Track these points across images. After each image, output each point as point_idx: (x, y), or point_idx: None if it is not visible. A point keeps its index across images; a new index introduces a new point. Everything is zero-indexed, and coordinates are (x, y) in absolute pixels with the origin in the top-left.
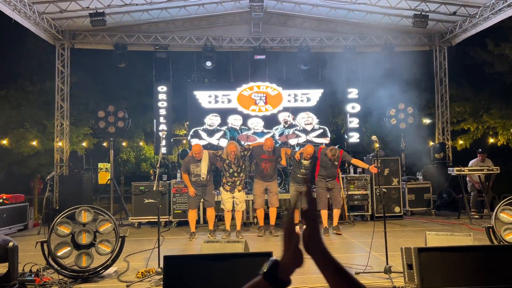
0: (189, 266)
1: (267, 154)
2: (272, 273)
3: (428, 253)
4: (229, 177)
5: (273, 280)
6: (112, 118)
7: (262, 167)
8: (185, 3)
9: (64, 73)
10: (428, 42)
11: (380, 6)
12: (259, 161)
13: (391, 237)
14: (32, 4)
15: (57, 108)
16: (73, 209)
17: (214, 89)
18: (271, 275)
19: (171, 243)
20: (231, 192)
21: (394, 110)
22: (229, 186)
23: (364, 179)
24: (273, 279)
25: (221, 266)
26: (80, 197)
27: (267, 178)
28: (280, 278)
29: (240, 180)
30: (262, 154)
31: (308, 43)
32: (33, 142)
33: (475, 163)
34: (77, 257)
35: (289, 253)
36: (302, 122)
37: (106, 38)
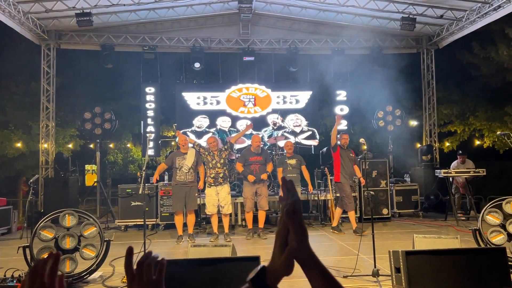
0: (175, 270)
1: (255, 155)
2: (259, 280)
3: (415, 256)
4: (212, 168)
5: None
6: (99, 119)
7: (252, 169)
8: (173, 4)
9: (49, 73)
10: (416, 45)
11: (368, 8)
12: (248, 163)
13: (379, 240)
14: (16, 4)
15: (43, 109)
16: (57, 213)
17: (202, 91)
18: (259, 281)
19: (158, 247)
20: (215, 185)
21: (382, 112)
22: (212, 179)
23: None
24: (261, 285)
25: (208, 270)
26: (66, 199)
27: (257, 180)
28: (268, 285)
29: (223, 173)
30: (251, 156)
31: (297, 45)
32: (18, 144)
33: (455, 165)
34: (61, 262)
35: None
36: (291, 124)
37: (93, 39)
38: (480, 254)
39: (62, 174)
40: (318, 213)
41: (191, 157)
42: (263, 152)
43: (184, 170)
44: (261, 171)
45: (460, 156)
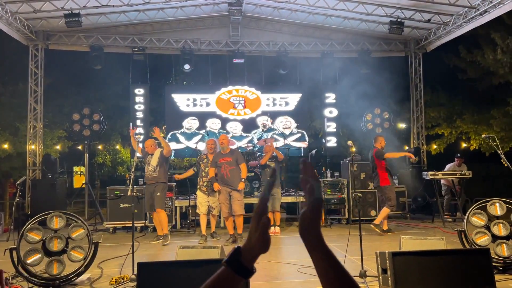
0: (163, 272)
1: (224, 156)
2: (235, 259)
3: (402, 257)
4: (205, 176)
5: (236, 267)
6: (87, 121)
7: (222, 172)
8: (163, 6)
9: (37, 74)
10: (404, 48)
11: (357, 12)
12: (218, 166)
13: (367, 241)
14: (4, 4)
15: (30, 110)
16: (45, 215)
17: (192, 92)
18: (234, 261)
19: (146, 249)
20: (208, 194)
21: (370, 115)
22: (206, 187)
23: (341, 183)
24: (237, 265)
25: (197, 272)
26: (53, 201)
27: (228, 184)
28: (244, 265)
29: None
30: (220, 158)
31: (286, 48)
32: (5, 145)
33: (452, 167)
34: (48, 264)
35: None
36: (280, 126)
37: (82, 40)
38: (465, 255)
39: (50, 175)
40: None
41: (156, 155)
42: (233, 153)
43: (150, 169)
44: (232, 173)
45: (458, 158)
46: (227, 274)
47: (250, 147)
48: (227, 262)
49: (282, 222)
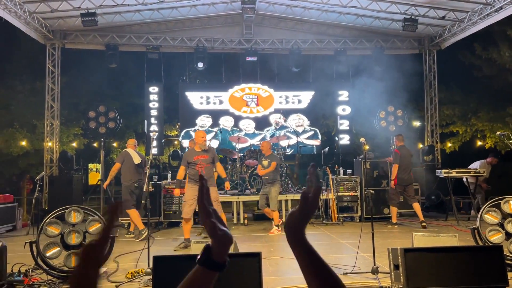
0: (178, 266)
1: (200, 154)
2: (206, 257)
3: (414, 254)
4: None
5: (208, 263)
6: (103, 118)
7: (197, 169)
8: (177, 4)
9: (54, 73)
10: (418, 46)
11: (371, 9)
12: (192, 163)
13: (379, 238)
14: (22, 4)
15: (47, 108)
16: (63, 209)
17: (205, 90)
18: (206, 259)
19: (161, 244)
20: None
21: (384, 112)
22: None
23: (354, 180)
24: (208, 262)
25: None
26: (70, 197)
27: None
28: (215, 260)
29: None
30: (195, 155)
31: (299, 45)
32: (23, 142)
33: (480, 164)
34: (67, 257)
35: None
36: (293, 123)
37: (98, 38)
38: (477, 252)
39: (67, 172)
40: (319, 212)
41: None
42: (210, 151)
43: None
44: (207, 170)
45: (492, 157)
46: (202, 271)
47: None
48: (199, 261)
49: None
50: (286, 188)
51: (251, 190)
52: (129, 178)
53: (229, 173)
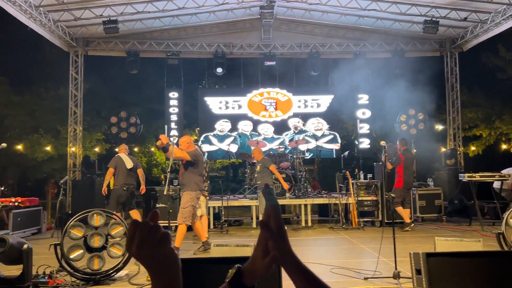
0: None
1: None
2: (237, 280)
3: (436, 258)
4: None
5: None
6: (124, 123)
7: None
8: (196, 11)
9: (77, 79)
10: (439, 48)
11: (390, 12)
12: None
13: (401, 243)
14: (47, 13)
15: (71, 114)
16: (86, 213)
17: (224, 95)
18: (236, 282)
19: (181, 247)
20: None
21: (404, 116)
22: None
23: (374, 185)
24: (238, 285)
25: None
26: (92, 201)
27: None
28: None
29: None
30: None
31: (318, 49)
32: (47, 148)
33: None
34: (89, 259)
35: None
36: (312, 127)
37: (119, 45)
38: (503, 257)
39: (89, 176)
40: (339, 217)
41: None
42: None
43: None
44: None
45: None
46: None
47: (281, 148)
48: (230, 282)
49: (314, 224)
50: (305, 193)
51: None
52: (121, 182)
53: (248, 177)
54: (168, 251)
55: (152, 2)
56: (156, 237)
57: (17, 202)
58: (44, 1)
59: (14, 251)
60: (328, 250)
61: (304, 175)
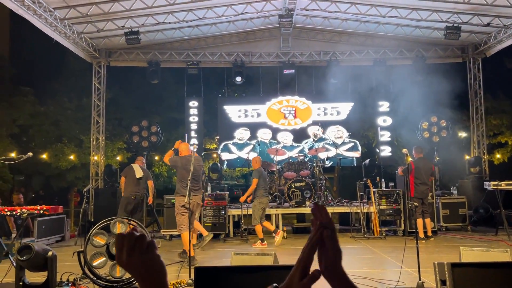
0: (219, 277)
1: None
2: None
3: (462, 269)
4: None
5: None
6: (146, 132)
7: None
8: (216, 21)
9: (100, 89)
10: (462, 54)
11: (411, 19)
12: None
13: (424, 253)
14: (71, 25)
15: (93, 123)
16: (108, 221)
17: (243, 104)
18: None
19: (201, 255)
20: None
21: (426, 123)
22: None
23: (396, 193)
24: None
25: (251, 278)
26: (114, 209)
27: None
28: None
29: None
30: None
31: (337, 57)
32: (71, 156)
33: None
34: (112, 267)
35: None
36: (332, 135)
37: (140, 56)
38: None
39: (111, 184)
40: (360, 226)
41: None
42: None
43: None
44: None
45: None
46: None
47: (301, 156)
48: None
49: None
50: (325, 201)
51: (290, 203)
52: (129, 190)
53: (268, 185)
54: (155, 257)
55: (172, 13)
56: (143, 245)
57: (42, 210)
58: (68, 14)
59: (39, 258)
60: (349, 259)
61: (324, 183)
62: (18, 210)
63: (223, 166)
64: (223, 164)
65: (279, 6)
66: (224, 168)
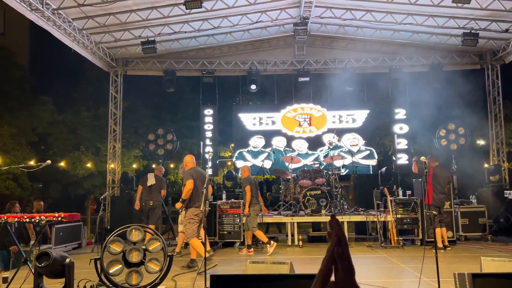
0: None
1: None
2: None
3: (483, 280)
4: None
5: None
6: (161, 140)
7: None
8: (231, 29)
9: (117, 98)
10: (479, 61)
11: (427, 25)
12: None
13: (444, 263)
14: (90, 35)
15: (110, 131)
16: (124, 228)
17: (258, 111)
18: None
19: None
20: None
21: (444, 130)
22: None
23: (414, 202)
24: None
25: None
26: (130, 217)
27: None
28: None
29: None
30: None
31: (352, 64)
32: (88, 164)
33: None
34: (128, 274)
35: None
36: (347, 143)
37: (156, 65)
38: None
39: (127, 192)
40: (377, 235)
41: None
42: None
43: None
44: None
45: None
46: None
47: (316, 164)
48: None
49: (352, 242)
50: (341, 210)
51: (305, 211)
52: (142, 198)
53: (283, 193)
54: None
55: (188, 22)
56: None
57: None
58: (87, 24)
59: (57, 265)
60: (367, 269)
61: (340, 192)
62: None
63: (237, 174)
64: (238, 172)
65: (294, 14)
66: (239, 176)
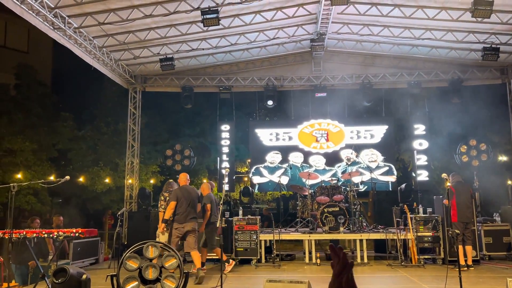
0: None
1: None
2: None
3: None
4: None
5: None
6: (179, 156)
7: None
8: (248, 46)
9: (135, 114)
10: (501, 75)
11: (446, 40)
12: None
13: (467, 284)
14: (109, 53)
15: (128, 147)
16: (141, 244)
17: (275, 127)
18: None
19: (233, 281)
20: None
21: (465, 147)
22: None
23: (435, 219)
24: None
25: None
26: (147, 232)
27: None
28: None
29: None
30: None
31: (370, 80)
32: (106, 180)
33: None
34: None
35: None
36: (366, 159)
37: (174, 81)
38: None
39: (145, 208)
40: (397, 253)
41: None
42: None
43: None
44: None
45: None
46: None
47: (334, 181)
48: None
49: (371, 260)
50: (360, 227)
51: (323, 228)
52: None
53: (300, 209)
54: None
55: (206, 39)
56: None
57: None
58: (107, 42)
59: (74, 281)
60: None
61: (358, 209)
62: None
63: (254, 189)
64: (255, 187)
65: (311, 30)
66: (255, 191)
